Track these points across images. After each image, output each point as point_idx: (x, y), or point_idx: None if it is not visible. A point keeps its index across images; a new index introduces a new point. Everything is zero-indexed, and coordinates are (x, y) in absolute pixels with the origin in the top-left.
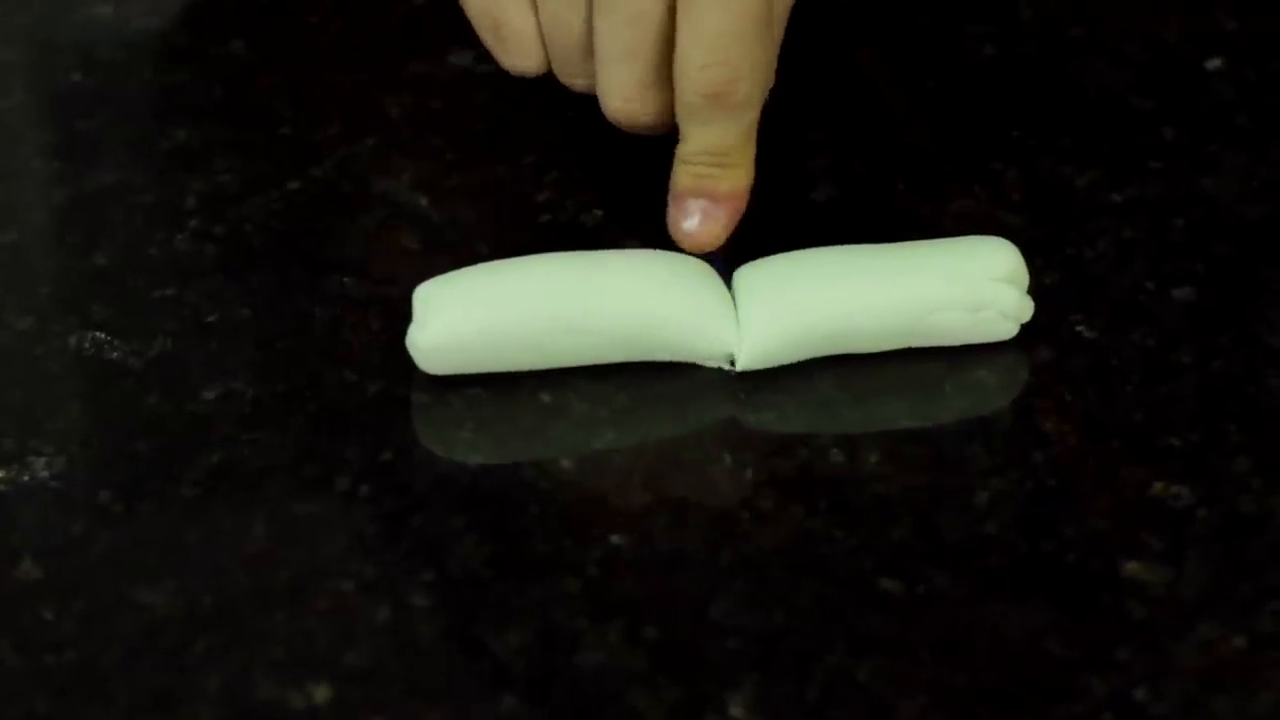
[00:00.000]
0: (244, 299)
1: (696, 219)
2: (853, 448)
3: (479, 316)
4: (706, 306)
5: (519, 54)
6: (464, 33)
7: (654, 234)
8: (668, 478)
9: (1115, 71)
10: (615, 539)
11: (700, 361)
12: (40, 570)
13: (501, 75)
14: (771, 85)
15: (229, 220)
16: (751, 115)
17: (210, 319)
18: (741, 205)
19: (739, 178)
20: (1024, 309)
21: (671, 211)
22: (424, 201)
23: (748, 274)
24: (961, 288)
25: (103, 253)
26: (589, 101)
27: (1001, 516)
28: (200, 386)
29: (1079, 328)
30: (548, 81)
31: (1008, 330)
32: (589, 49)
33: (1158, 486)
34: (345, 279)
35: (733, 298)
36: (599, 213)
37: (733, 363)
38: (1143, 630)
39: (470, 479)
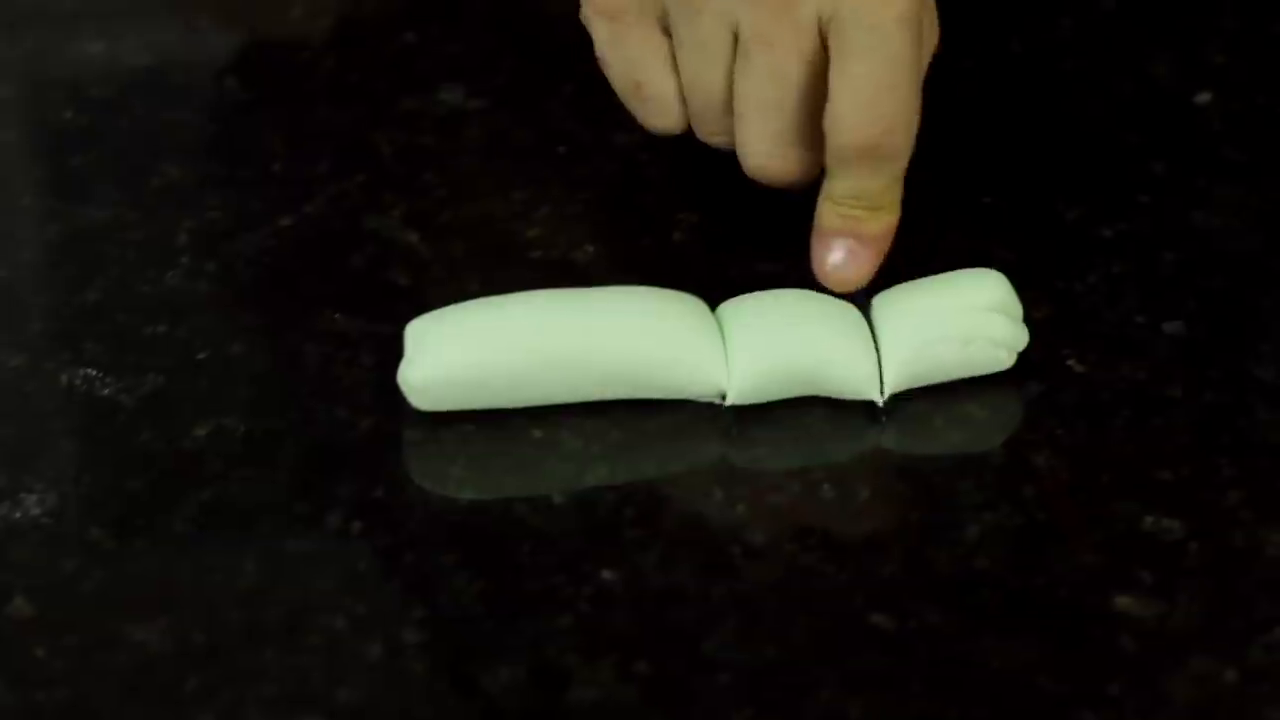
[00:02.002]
0: (235, 336)
1: (841, 257)
2: (843, 483)
3: (471, 353)
4: (697, 343)
5: (659, 114)
6: (455, 69)
7: (644, 271)
8: (659, 514)
9: (1105, 106)
10: (607, 575)
11: (691, 397)
12: (32, 607)
13: (493, 111)
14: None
15: (221, 257)
16: (903, 163)
17: (202, 356)
18: (887, 245)
19: (886, 219)
20: (1017, 338)
21: (816, 249)
22: (415, 238)
23: (736, 308)
24: (949, 320)
25: (94, 289)
26: (579, 139)
27: (992, 551)
28: (192, 423)
29: (1069, 362)
30: (539, 122)
31: (1002, 360)
32: (729, 107)
33: (1149, 520)
34: (336, 315)
35: (722, 333)
36: (590, 249)
37: (723, 398)
38: (1134, 664)
39: (462, 515)
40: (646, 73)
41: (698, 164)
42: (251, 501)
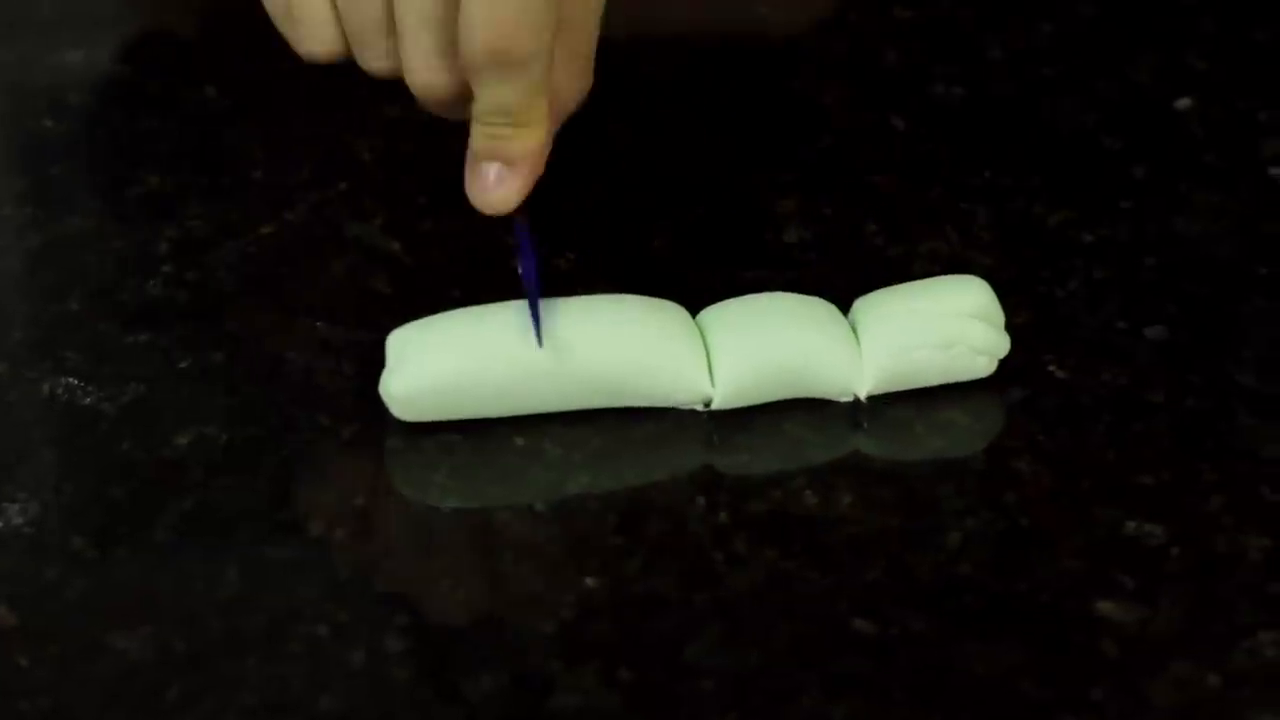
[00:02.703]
0: (217, 344)
1: (490, 181)
2: (825, 489)
3: (453, 364)
4: (680, 351)
5: (312, 37)
6: None
7: (626, 278)
8: (642, 521)
9: (1085, 111)
10: (589, 582)
11: (674, 405)
12: (14, 616)
13: None
14: (587, 87)
15: (201, 265)
16: (534, 73)
17: (183, 364)
18: (536, 166)
19: (530, 137)
20: (998, 345)
21: (468, 175)
22: (396, 246)
23: (718, 314)
24: (930, 325)
25: (75, 298)
26: (561, 144)
27: (974, 557)
28: (173, 432)
29: (1050, 367)
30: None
31: (983, 367)
32: (388, 27)
33: (1130, 525)
34: (318, 323)
35: (704, 339)
36: (571, 256)
37: (707, 404)
38: (1116, 669)
39: (444, 523)
40: None
41: (678, 172)
42: (233, 510)
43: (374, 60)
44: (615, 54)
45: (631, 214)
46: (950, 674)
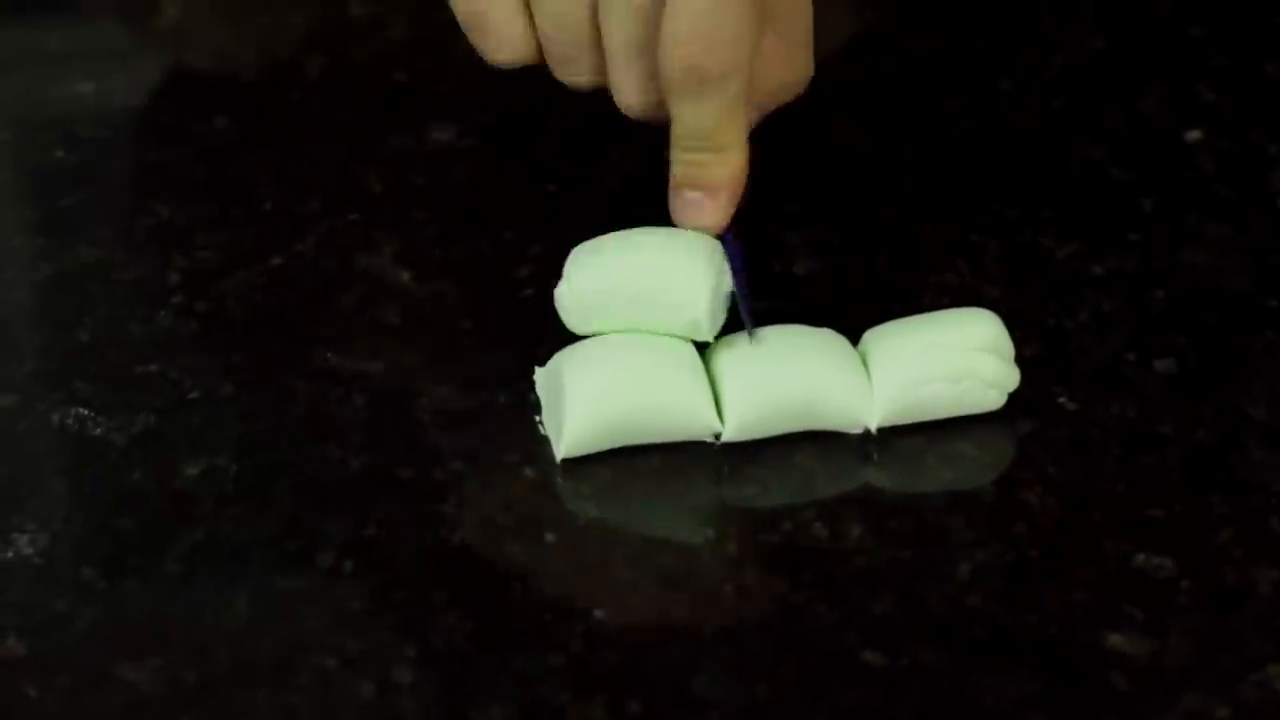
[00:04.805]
0: (226, 375)
1: (694, 207)
2: (835, 521)
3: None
4: (688, 386)
5: (504, 48)
6: (445, 108)
7: None
8: (651, 552)
9: (1095, 143)
10: (599, 613)
11: (684, 439)
12: (24, 647)
13: (484, 150)
14: (806, 76)
15: (211, 296)
16: (732, 90)
17: (193, 395)
18: (736, 191)
19: (730, 161)
20: (1008, 378)
21: (671, 200)
22: (406, 276)
23: (726, 346)
24: (940, 359)
25: (85, 329)
26: (571, 175)
27: (984, 588)
28: (183, 462)
29: (1060, 399)
30: (530, 160)
31: (994, 400)
32: (592, 43)
33: (1140, 558)
34: (328, 354)
35: (713, 370)
36: None
37: (717, 436)
38: (1126, 702)
39: (453, 554)
40: (491, 5)
41: None
42: (243, 540)
43: (575, 75)
44: None
45: None
46: (960, 706)
